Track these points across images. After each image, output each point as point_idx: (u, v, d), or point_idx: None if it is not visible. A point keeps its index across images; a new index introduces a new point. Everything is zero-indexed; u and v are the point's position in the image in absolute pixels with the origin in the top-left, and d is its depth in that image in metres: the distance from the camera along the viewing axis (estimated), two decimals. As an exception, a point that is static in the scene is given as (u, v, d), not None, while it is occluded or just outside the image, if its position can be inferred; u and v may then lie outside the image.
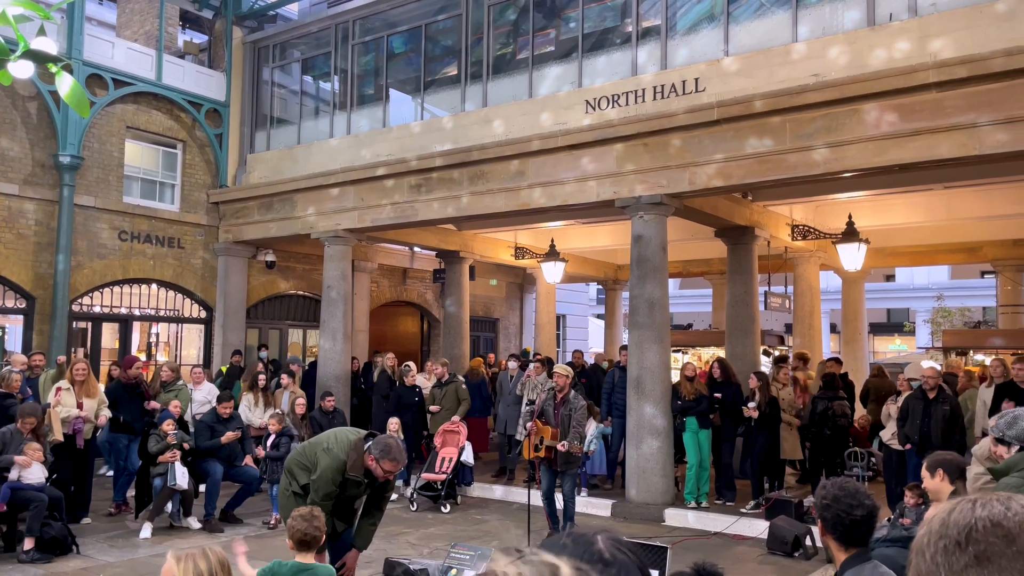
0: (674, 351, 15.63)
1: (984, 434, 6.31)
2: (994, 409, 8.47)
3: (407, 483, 10.75)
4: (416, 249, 16.90)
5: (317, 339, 14.30)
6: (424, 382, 11.70)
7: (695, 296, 30.93)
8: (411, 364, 11.54)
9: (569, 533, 1.25)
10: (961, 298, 27.27)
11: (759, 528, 8.55)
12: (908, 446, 8.58)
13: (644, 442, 9.79)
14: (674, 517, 9.45)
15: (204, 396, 10.56)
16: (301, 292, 15.86)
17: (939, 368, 9.66)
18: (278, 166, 14.22)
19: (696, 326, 29.92)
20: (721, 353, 13.37)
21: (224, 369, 12.82)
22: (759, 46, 9.49)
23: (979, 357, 13.39)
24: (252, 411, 10.80)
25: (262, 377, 10.97)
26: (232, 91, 14.71)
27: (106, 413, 9.05)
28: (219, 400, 9.54)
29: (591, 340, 26.82)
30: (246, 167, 14.72)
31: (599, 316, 27.36)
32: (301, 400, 10.53)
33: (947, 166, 8.79)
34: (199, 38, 17.85)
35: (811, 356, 12.92)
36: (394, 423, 10.47)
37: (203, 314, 14.49)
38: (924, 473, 4.92)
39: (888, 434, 9.08)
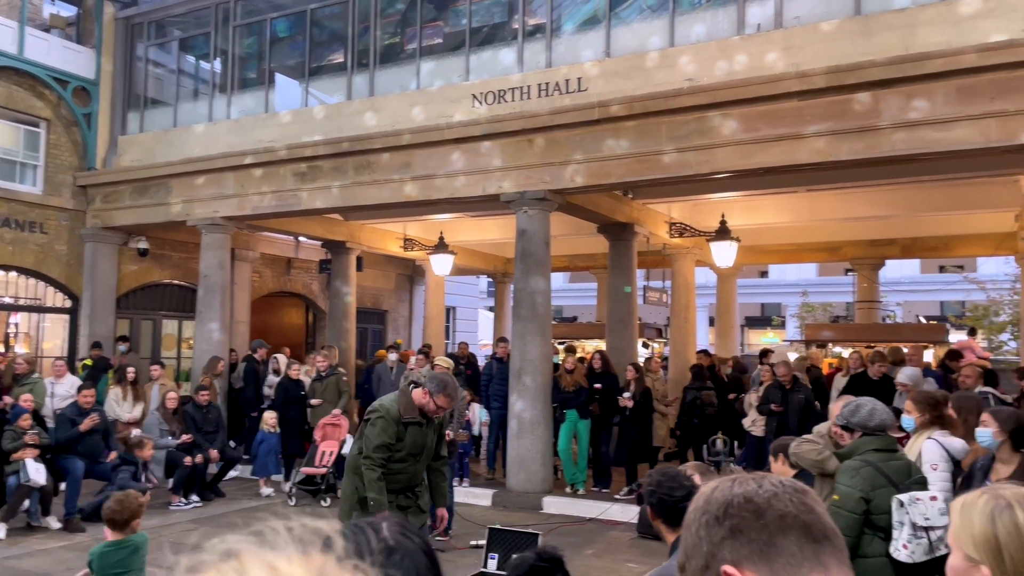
0: (558, 343, 16.00)
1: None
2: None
3: (287, 478, 10.58)
4: (301, 239, 16.53)
5: (193, 331, 13.77)
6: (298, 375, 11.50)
7: (583, 290, 31.64)
8: (279, 356, 11.41)
9: (355, 522, 1.30)
10: (826, 294, 29.07)
11: (631, 513, 8.90)
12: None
13: (525, 432, 10.00)
14: (552, 505, 9.71)
15: (66, 390, 10.02)
16: (177, 281, 15.23)
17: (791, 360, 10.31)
18: (152, 149, 13.59)
19: (583, 319, 30.66)
20: (602, 344, 13.80)
21: (89, 362, 12.12)
22: (639, 49, 9.82)
23: (837, 350, 14.35)
24: (120, 406, 10.34)
25: (131, 370, 10.49)
26: (103, 69, 13.93)
27: None
28: (79, 390, 9.09)
29: (481, 332, 27.05)
30: (117, 149, 13.99)
31: (489, 308, 27.58)
32: (173, 394, 10.16)
33: (807, 170, 9.38)
34: (68, 10, 16.78)
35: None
36: (271, 417, 10.30)
37: (68, 304, 13.70)
38: (770, 458, 5.30)
39: (749, 421, 9.63)
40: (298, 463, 10.57)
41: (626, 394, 9.97)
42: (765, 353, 11.56)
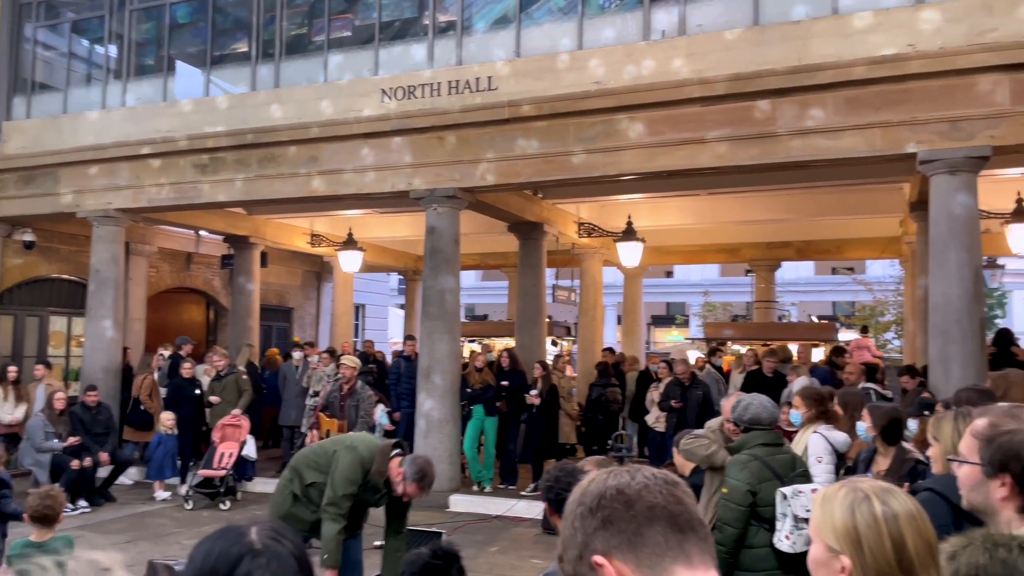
0: (468, 341, 16.02)
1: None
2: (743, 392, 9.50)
3: (183, 480, 10.20)
4: (202, 233, 15.95)
5: (84, 328, 13.09)
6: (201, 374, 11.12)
7: (495, 288, 31.77)
8: (164, 353, 11.07)
9: (223, 528, 1.28)
10: (727, 294, 30.14)
11: (537, 509, 8.98)
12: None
13: (433, 431, 9.95)
14: (459, 503, 9.70)
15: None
16: (67, 276, 14.44)
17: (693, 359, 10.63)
18: (40, 136, 12.83)
19: (494, 317, 30.78)
20: (511, 342, 13.89)
21: None
22: (549, 51, 9.91)
23: (736, 347, 14.89)
24: (1, 406, 9.74)
25: (12, 369, 9.90)
26: (-16, 49, 13.07)
27: None
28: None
29: (391, 330, 26.79)
30: (1, 136, 13.15)
31: (400, 306, 27.35)
32: (60, 394, 9.64)
33: (709, 174, 9.70)
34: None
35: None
36: (168, 417, 9.92)
37: (-56, 298, 12.81)
38: (673, 450, 5.46)
39: (652, 418, 9.88)
40: (195, 465, 10.20)
41: (533, 392, 10.07)
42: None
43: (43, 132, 12.84)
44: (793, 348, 11.79)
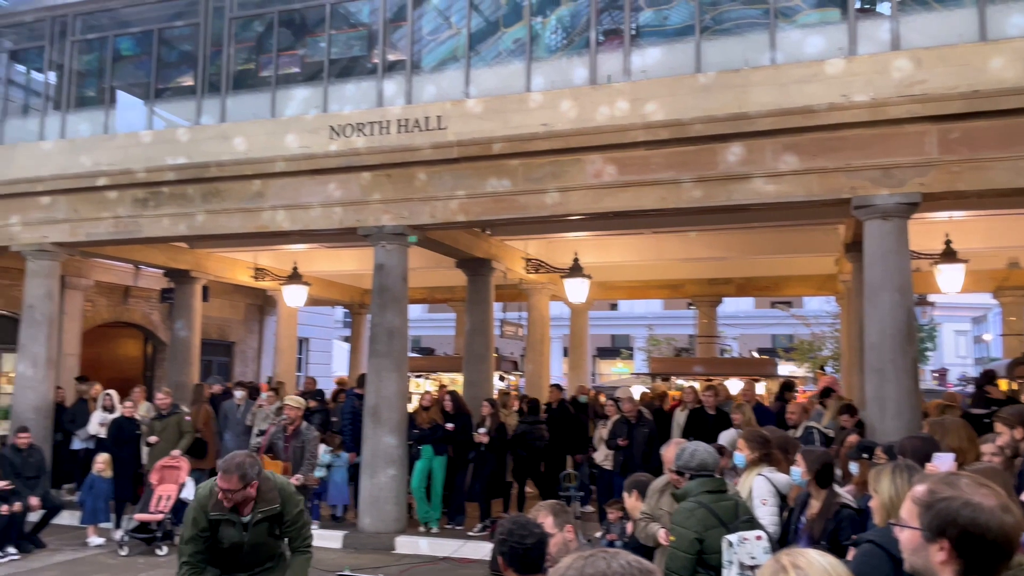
0: (416, 376, 15.92)
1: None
2: (687, 431, 9.63)
3: (117, 524, 9.84)
4: (141, 267, 15.57)
5: (14, 364, 12.59)
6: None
7: (441, 320, 31.65)
8: (112, 392, 10.80)
9: None
10: (671, 327, 30.65)
11: (485, 550, 8.91)
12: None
13: (380, 471, 9.83)
14: (405, 544, 9.57)
15: None
16: (-3, 310, 13.92)
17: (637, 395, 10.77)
18: (-28, 167, 12.41)
19: (441, 350, 30.62)
20: (460, 378, 13.85)
21: None
22: (497, 91, 10.05)
23: (680, 382, 15.12)
24: (-77, 451, 9.28)
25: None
26: (-86, 76, 12.64)
27: None
28: None
29: (335, 364, 26.40)
30: (-70, 165, 12.68)
31: (345, 339, 27.01)
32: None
33: (653, 215, 9.92)
34: None
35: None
36: (102, 459, 9.58)
37: None
38: (624, 493, 5.51)
39: (601, 456, 9.94)
40: (130, 509, 9.85)
41: (481, 430, 10.04)
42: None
43: (-25, 162, 12.42)
44: (737, 383, 12.02)
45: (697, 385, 11.80)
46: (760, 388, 13.53)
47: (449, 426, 10.19)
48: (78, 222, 11.56)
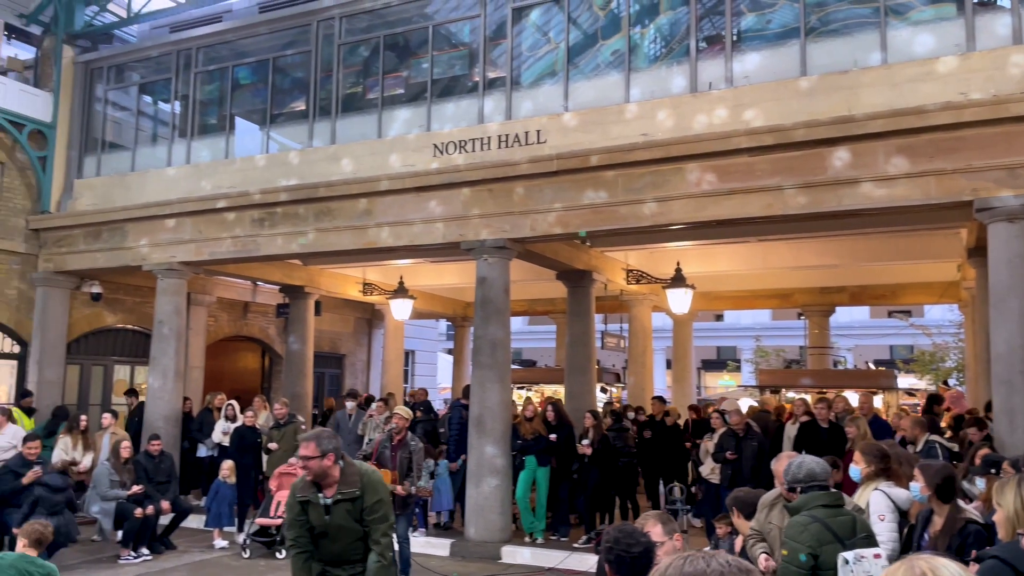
0: (518, 388, 16.05)
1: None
2: (798, 445, 9.32)
3: (240, 528, 10.37)
4: (259, 283, 16.42)
5: (146, 376, 13.52)
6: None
7: (541, 332, 31.79)
8: (234, 402, 11.34)
9: None
10: (780, 338, 29.64)
11: (590, 562, 8.89)
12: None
13: (484, 480, 9.98)
14: (511, 554, 9.66)
15: (7, 440, 9.69)
16: (130, 326, 14.96)
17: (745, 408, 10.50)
18: (109, 193, 13.46)
19: (542, 362, 30.75)
20: (561, 390, 13.88)
21: (16, 412, 11.54)
22: (596, 104, 10.10)
23: (791, 395, 14.63)
24: (69, 455, 10.08)
25: (83, 418, 10.25)
26: (60, 112, 13.82)
27: None
28: (25, 440, 8.84)
29: (440, 376, 26.93)
30: (72, 193, 13.83)
31: (449, 351, 27.52)
32: (126, 443, 9.93)
33: (758, 223, 9.68)
34: (26, 51, 16.65)
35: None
36: (227, 465, 10.12)
37: (17, 349, 13.36)
38: (733, 510, 5.40)
39: (707, 469, 9.74)
40: (252, 513, 10.37)
41: (584, 441, 10.03)
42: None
43: (112, 189, 13.47)
44: (852, 396, 11.53)
45: (809, 398, 11.39)
46: (878, 401, 12.93)
47: (552, 437, 10.23)
48: (202, 242, 12.31)
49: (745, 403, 13.24)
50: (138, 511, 9.30)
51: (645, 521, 3.87)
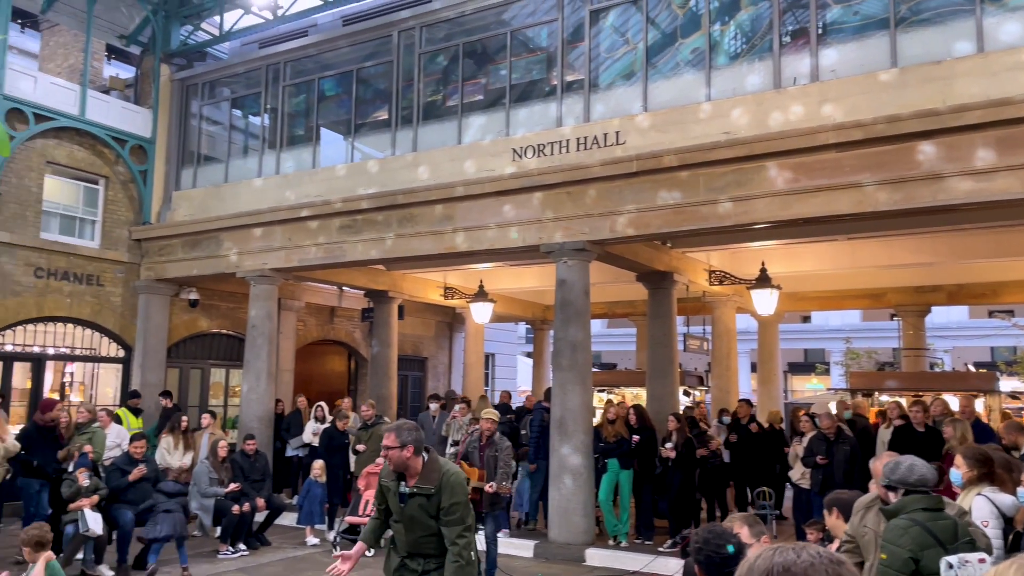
0: (599, 391, 15.99)
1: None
2: (893, 449, 8.99)
3: (331, 527, 10.68)
4: (344, 288, 16.89)
5: (240, 379, 14.08)
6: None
7: (620, 335, 31.55)
8: (322, 404, 11.68)
9: None
10: (871, 340, 28.58)
11: (675, 566, 8.80)
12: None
13: (566, 483, 10.00)
14: (595, 557, 9.64)
15: (112, 439, 10.26)
16: (225, 331, 15.63)
17: (835, 410, 10.18)
18: (204, 204, 14.10)
19: (622, 365, 30.51)
20: (643, 392, 13.76)
21: (120, 410, 12.20)
22: (675, 103, 10.01)
23: (884, 398, 14.10)
24: (171, 454, 10.59)
25: (184, 419, 10.77)
26: (158, 128, 14.57)
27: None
28: (131, 440, 9.34)
29: (520, 379, 27.08)
30: (171, 204, 14.55)
31: (528, 354, 27.63)
32: (223, 442, 10.37)
33: (847, 220, 9.39)
34: (126, 71, 17.62)
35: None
36: (318, 465, 10.43)
37: (121, 353, 14.13)
38: (824, 511, 5.27)
39: (797, 474, 9.50)
40: (341, 512, 10.67)
41: (668, 444, 9.93)
42: None
43: (207, 200, 14.11)
44: (951, 400, 11.05)
45: (903, 401, 10.97)
46: (979, 405, 12.33)
47: (635, 438, 10.17)
48: (292, 249, 12.76)
49: (834, 407, 12.83)
50: (235, 508, 9.70)
51: (731, 523, 3.82)
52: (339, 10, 13.57)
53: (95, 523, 8.17)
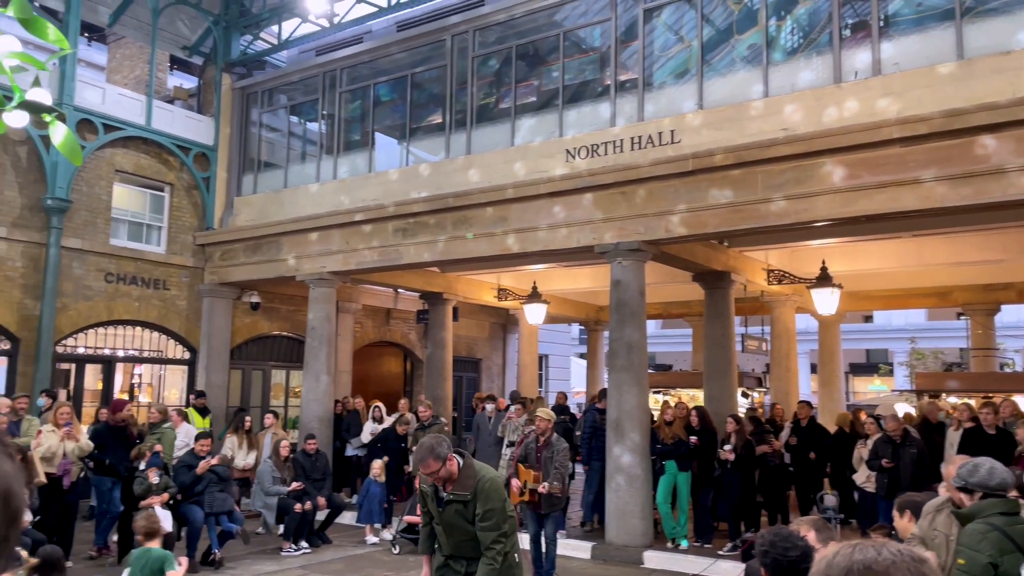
0: (655, 392, 15.86)
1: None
2: (963, 452, 8.71)
3: (388, 525, 10.82)
4: (400, 290, 17.10)
5: (300, 380, 14.37)
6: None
7: (676, 336, 31.21)
8: (380, 405, 11.84)
9: None
10: (937, 340, 27.71)
11: (736, 570, 8.68)
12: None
13: (623, 484, 9.94)
14: (653, 560, 9.57)
15: (182, 439, 10.57)
16: (285, 333, 15.97)
17: (901, 413, 9.90)
18: (265, 209, 14.44)
19: (677, 366, 30.17)
20: (699, 394, 13.60)
21: (190, 411, 12.59)
22: (731, 100, 9.87)
23: (952, 400, 13.67)
24: (235, 453, 10.86)
25: (248, 419, 11.04)
26: (220, 135, 14.98)
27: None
28: (197, 439, 9.62)
29: (573, 380, 27.03)
30: (233, 210, 14.93)
31: (581, 355, 27.56)
32: (286, 442, 10.59)
33: (913, 216, 9.14)
34: (189, 81, 18.17)
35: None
36: (377, 465, 10.56)
37: (187, 355, 14.56)
38: (895, 513, 5.14)
39: (862, 477, 9.28)
40: (399, 511, 10.79)
41: (727, 447, 9.79)
42: None
43: (267, 205, 14.44)
44: (1022, 401, 10.66)
45: (973, 402, 10.62)
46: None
47: (693, 439, 10.06)
48: (349, 253, 12.98)
49: (901, 409, 12.49)
50: (297, 506, 9.90)
51: (799, 527, 3.76)
52: (393, 16, 13.75)
53: (165, 520, 8.42)
